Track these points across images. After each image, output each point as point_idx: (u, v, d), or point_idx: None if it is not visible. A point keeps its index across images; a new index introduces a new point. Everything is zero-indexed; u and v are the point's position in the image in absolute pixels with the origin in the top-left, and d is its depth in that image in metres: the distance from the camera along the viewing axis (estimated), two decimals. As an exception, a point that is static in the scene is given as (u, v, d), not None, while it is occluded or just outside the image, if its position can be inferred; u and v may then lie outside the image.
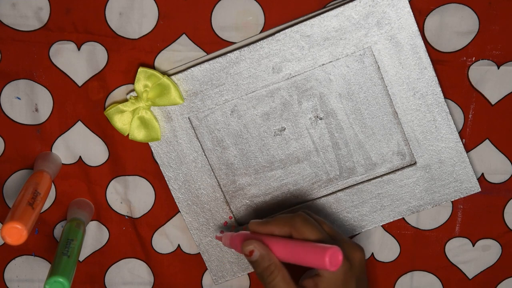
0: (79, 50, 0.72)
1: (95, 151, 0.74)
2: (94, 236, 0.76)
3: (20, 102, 0.73)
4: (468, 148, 0.74)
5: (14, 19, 0.71)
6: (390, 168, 0.74)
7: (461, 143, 0.72)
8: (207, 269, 0.77)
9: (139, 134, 0.71)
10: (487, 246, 0.76)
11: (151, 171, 0.75)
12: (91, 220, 0.76)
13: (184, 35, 0.71)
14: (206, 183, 0.74)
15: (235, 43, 0.71)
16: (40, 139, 0.74)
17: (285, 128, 0.73)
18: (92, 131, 0.74)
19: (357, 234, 0.76)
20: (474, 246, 0.76)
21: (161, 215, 0.76)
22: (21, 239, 0.61)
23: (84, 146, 0.74)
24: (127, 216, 0.76)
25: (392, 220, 0.75)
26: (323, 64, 0.71)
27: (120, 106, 0.71)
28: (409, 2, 0.69)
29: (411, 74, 0.70)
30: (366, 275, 0.67)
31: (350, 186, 0.74)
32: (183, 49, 0.71)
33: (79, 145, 0.74)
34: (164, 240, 0.76)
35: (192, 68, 0.71)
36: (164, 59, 0.72)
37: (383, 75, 0.71)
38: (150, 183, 0.75)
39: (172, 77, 0.71)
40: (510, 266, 0.77)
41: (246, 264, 0.76)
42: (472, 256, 0.76)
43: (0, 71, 0.72)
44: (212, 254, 0.75)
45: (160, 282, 0.78)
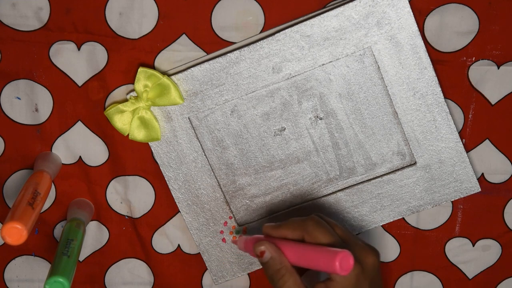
0: (79, 50, 0.72)
1: (95, 151, 0.74)
2: (94, 236, 0.76)
3: (20, 102, 0.73)
4: (468, 148, 0.74)
5: (14, 19, 0.71)
6: (390, 168, 0.73)
7: (461, 143, 0.72)
8: (207, 269, 0.77)
9: (139, 134, 0.71)
10: (487, 246, 0.76)
11: (151, 171, 0.75)
12: (91, 220, 0.76)
13: (184, 35, 0.71)
14: (206, 183, 0.74)
15: (235, 43, 0.71)
16: (40, 139, 0.74)
17: (285, 128, 0.73)
18: (92, 131, 0.74)
19: (357, 234, 0.75)
20: (474, 246, 0.76)
21: (161, 215, 0.76)
22: (21, 239, 0.61)
23: (84, 146, 0.74)
24: (127, 216, 0.76)
25: (392, 220, 0.74)
26: (323, 64, 0.71)
27: (120, 106, 0.71)
28: (409, 2, 0.69)
29: (411, 74, 0.70)
30: (380, 278, 0.65)
31: (350, 186, 0.74)
32: (183, 49, 0.71)
33: (79, 145, 0.74)
34: (164, 240, 0.76)
35: (192, 68, 0.71)
36: (164, 59, 0.72)
37: (383, 75, 0.71)
38: (150, 183, 0.75)
39: (172, 77, 0.71)
40: (510, 266, 0.77)
41: (246, 264, 0.76)
42: (472, 256, 0.76)
43: (0, 71, 0.72)
44: (212, 254, 0.75)
45: (160, 282, 0.78)
